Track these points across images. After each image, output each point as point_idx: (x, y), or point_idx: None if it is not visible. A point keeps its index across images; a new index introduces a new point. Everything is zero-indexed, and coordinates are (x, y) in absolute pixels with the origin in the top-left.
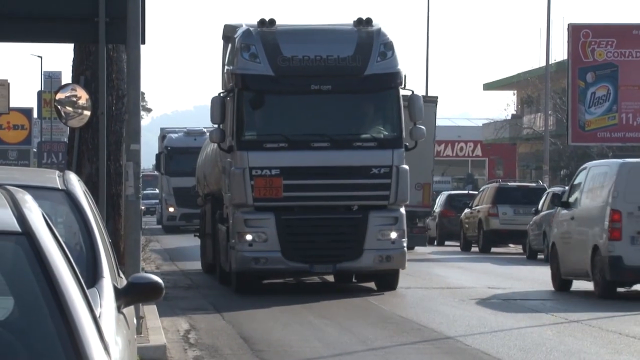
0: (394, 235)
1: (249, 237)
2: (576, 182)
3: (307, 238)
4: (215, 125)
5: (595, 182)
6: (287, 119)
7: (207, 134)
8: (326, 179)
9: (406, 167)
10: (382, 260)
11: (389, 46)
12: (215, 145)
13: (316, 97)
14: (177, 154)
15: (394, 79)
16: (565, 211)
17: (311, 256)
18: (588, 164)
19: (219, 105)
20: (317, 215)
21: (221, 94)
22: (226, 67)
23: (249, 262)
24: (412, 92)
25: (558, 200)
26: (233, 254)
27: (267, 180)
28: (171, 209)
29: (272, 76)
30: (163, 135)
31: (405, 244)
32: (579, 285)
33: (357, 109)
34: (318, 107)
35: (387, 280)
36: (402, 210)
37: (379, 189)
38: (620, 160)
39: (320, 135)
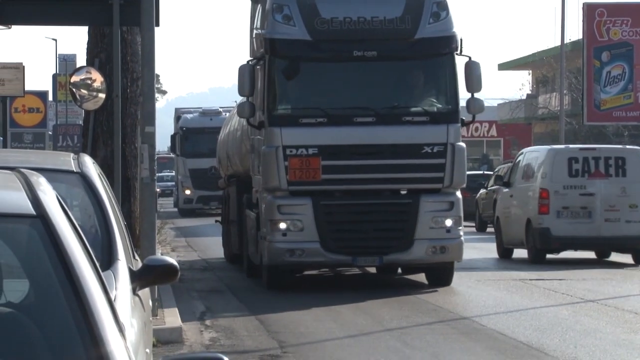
0: (449, 222)
1: (282, 225)
2: (515, 164)
3: (349, 226)
4: (244, 98)
5: (529, 165)
6: (326, 90)
7: (224, 113)
8: (371, 159)
9: (463, 145)
10: (435, 251)
11: (442, 5)
12: (241, 120)
13: (359, 65)
14: (193, 134)
15: (448, 43)
16: (506, 189)
17: (354, 247)
18: (524, 150)
19: (247, 75)
20: (360, 200)
21: (250, 62)
22: (255, 32)
23: (283, 254)
24: (470, 58)
25: (500, 180)
26: (264, 245)
27: (304, 161)
28: (187, 192)
29: (308, 41)
30: (178, 115)
31: (462, 233)
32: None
33: (406, 77)
34: (362, 76)
35: (441, 274)
36: (459, 194)
37: (432, 170)
38: (549, 147)
39: (364, 109)
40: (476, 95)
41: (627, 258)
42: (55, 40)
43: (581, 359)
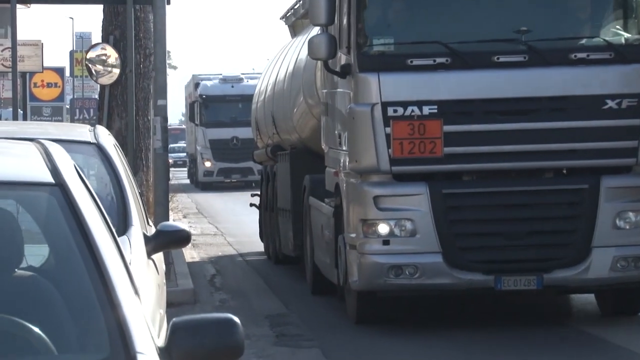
0: None
1: (383, 228)
2: None
3: (488, 228)
4: (318, 29)
5: None
6: (449, 13)
7: (246, 80)
8: (522, 122)
9: None
10: (626, 265)
11: None
12: (298, 66)
13: None
14: (213, 102)
15: None
16: None
17: (497, 261)
18: None
19: None
20: (506, 187)
21: None
22: None
23: (384, 272)
24: None
25: None
26: (353, 258)
27: (416, 126)
28: (208, 164)
29: None
30: (196, 82)
31: None
32: None
33: None
34: None
35: (625, 298)
36: None
37: (620, 137)
38: None
39: (511, 42)
40: None
41: None
42: (72, 18)
43: None
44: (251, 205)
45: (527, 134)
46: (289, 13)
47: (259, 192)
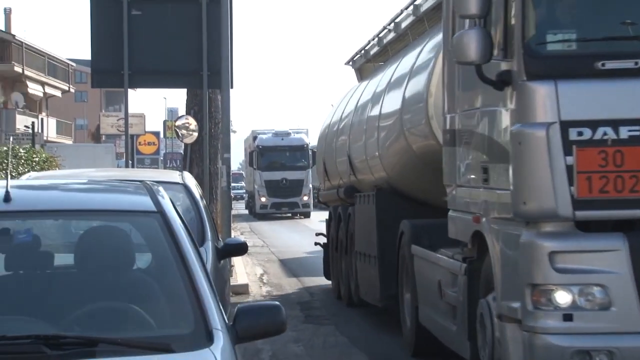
0: None
1: (563, 297)
2: None
3: None
4: (468, 23)
5: None
6: None
7: (292, 134)
8: None
9: None
10: None
11: None
12: (380, 105)
13: None
14: (267, 151)
15: None
16: None
17: None
18: None
19: None
20: None
21: None
22: None
23: (567, 359)
24: None
25: None
26: (516, 336)
27: (610, 155)
28: (263, 199)
29: None
30: (254, 136)
31: None
32: None
33: None
34: None
35: None
36: None
37: None
38: None
39: None
40: None
41: None
42: (165, 98)
43: None
44: (316, 244)
45: None
46: (357, 56)
47: (323, 232)
